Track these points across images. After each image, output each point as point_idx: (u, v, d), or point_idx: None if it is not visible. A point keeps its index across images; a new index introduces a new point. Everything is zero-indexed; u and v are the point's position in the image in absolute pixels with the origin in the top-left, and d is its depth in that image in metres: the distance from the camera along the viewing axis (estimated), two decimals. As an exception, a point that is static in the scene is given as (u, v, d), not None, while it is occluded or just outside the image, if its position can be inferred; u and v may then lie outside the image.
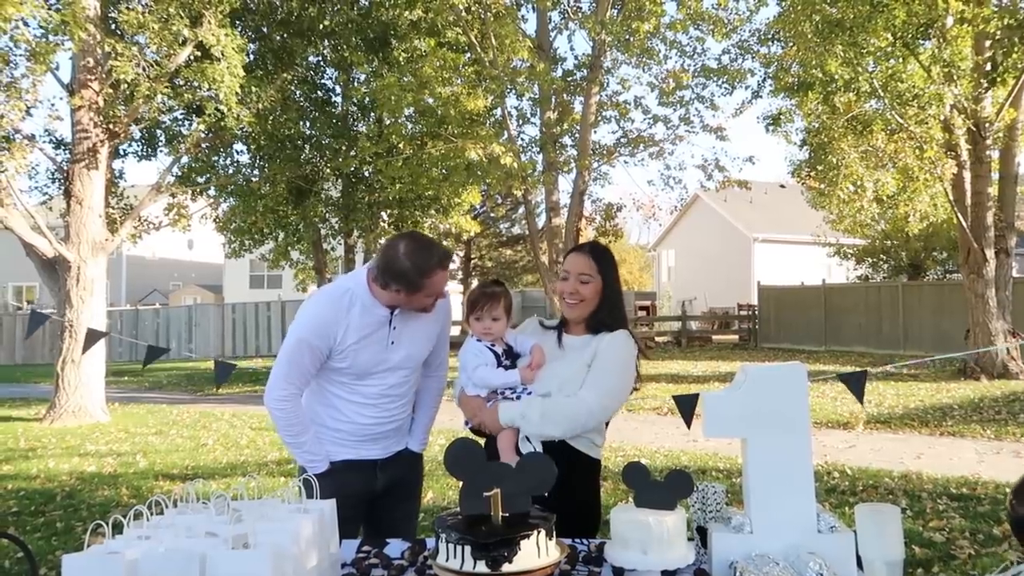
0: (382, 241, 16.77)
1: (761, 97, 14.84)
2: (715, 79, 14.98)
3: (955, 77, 11.46)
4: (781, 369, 1.90)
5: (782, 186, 31.08)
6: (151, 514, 1.84)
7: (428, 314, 2.57)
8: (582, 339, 2.50)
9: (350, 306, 2.46)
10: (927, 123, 11.88)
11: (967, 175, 12.64)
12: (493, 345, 2.48)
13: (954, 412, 9.60)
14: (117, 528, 1.79)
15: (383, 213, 16.23)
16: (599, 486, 2.54)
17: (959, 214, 12.70)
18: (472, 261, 30.52)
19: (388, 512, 2.70)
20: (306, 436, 2.52)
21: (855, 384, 2.66)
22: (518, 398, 2.41)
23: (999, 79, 12.06)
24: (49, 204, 13.31)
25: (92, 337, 3.87)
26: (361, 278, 2.51)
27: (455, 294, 26.06)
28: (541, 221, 16.75)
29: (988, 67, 12.11)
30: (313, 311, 2.48)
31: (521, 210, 27.61)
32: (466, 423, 2.53)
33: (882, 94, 11.82)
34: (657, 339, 23.83)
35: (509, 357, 2.48)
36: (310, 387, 2.59)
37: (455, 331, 21.74)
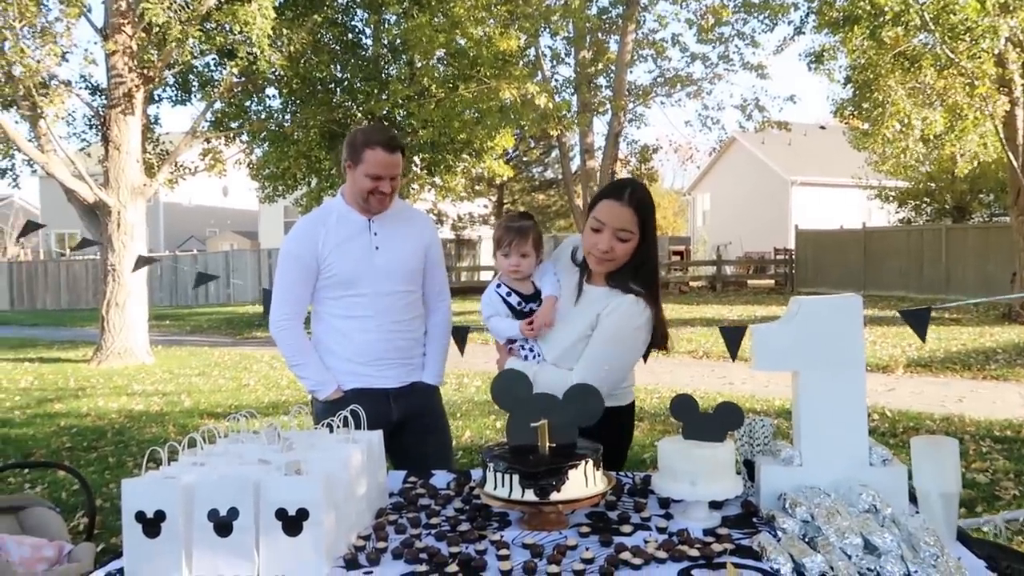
0: (414, 186, 16.77)
1: (804, 33, 14.33)
2: (756, 14, 14.48)
3: (1011, 8, 10.90)
4: (835, 301, 1.85)
5: (822, 127, 30.21)
6: (204, 443, 1.88)
7: (409, 226, 2.68)
8: (601, 291, 2.26)
9: (327, 216, 2.63)
10: (979, 58, 11.36)
11: (1020, 112, 12.13)
12: (510, 295, 2.34)
13: (998, 356, 9.41)
14: (172, 457, 1.82)
15: (415, 157, 16.11)
16: (623, 432, 2.41)
17: (1010, 153, 12.24)
18: (504, 205, 30.35)
19: (416, 446, 2.70)
20: (309, 358, 2.62)
21: (918, 322, 2.57)
22: (531, 350, 2.31)
23: (1060, 7, 11.42)
24: (88, 151, 13.46)
25: (142, 262, 4.25)
26: (339, 194, 2.71)
27: (486, 240, 26.02)
28: (575, 164, 16.55)
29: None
30: (295, 227, 2.68)
31: (554, 154, 27.30)
32: None
33: (933, 27, 11.29)
34: (691, 284, 23.65)
35: (536, 300, 2.33)
36: (314, 318, 2.71)
37: (487, 275, 21.76)
